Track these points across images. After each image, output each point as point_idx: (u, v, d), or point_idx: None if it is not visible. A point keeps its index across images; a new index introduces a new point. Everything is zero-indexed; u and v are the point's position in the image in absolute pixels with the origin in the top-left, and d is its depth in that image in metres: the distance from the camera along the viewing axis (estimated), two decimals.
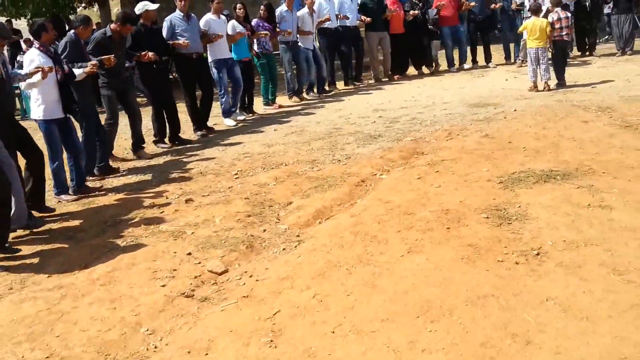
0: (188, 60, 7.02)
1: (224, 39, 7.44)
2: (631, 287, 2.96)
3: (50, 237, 4.45)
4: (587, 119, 5.87)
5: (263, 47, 8.28)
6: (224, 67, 7.50)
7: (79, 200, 5.16)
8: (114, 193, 5.26)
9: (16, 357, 2.94)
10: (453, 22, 10.33)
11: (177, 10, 7.00)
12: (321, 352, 2.68)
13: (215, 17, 7.42)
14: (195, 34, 7.07)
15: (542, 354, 2.53)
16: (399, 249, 3.59)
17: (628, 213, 3.77)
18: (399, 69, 10.46)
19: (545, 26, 7.63)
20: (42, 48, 4.97)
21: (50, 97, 5.01)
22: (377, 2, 9.80)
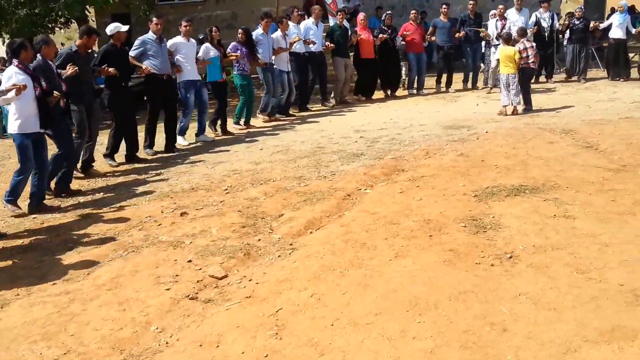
0: (158, 80, 7.30)
1: (192, 61, 7.76)
2: (592, 283, 3.35)
3: (50, 248, 4.63)
4: (553, 140, 6.38)
5: (242, 69, 8.63)
6: (193, 88, 7.81)
7: (72, 212, 5.36)
8: (108, 207, 5.46)
9: (34, 354, 3.14)
10: (418, 49, 10.92)
11: (150, 32, 7.29)
12: (323, 342, 2.98)
13: (184, 39, 7.72)
14: (165, 56, 7.38)
15: (517, 338, 2.88)
16: (387, 254, 3.93)
17: (589, 222, 4.20)
18: (367, 92, 10.97)
19: (514, 54, 8.21)
20: (21, 65, 5.19)
21: (27, 112, 5.20)
22: (343, 30, 10.39)
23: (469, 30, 10.87)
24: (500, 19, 10.59)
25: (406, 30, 10.80)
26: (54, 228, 5.07)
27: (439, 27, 10.95)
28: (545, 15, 11.20)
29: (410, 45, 10.88)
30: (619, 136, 6.27)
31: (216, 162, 6.73)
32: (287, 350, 2.94)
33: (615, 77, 10.91)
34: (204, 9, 13.85)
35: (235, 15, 13.28)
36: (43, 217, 5.35)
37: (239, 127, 8.77)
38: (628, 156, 5.54)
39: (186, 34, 7.72)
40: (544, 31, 11.09)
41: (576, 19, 11.26)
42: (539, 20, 11.13)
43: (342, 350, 2.90)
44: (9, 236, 4.94)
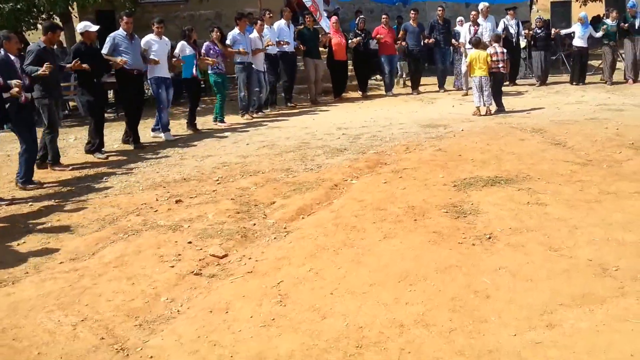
0: (129, 76, 7.57)
1: (164, 59, 8.01)
2: (563, 259, 3.73)
3: (51, 231, 4.79)
4: (524, 137, 6.82)
5: (217, 68, 8.88)
6: (163, 84, 8.07)
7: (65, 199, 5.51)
8: (104, 195, 5.63)
9: (52, 321, 3.33)
10: (390, 52, 11.39)
11: (121, 29, 7.55)
12: (324, 308, 3.27)
13: (157, 38, 8.00)
14: (136, 52, 7.64)
15: (499, 303, 3.22)
16: (376, 236, 4.24)
17: (559, 208, 4.59)
18: (339, 92, 11.38)
19: (486, 57, 8.67)
20: None
21: None
22: (312, 32, 10.79)
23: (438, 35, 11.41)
24: (473, 24, 11.11)
25: (378, 33, 11.27)
26: (50, 212, 5.21)
27: (409, 31, 11.48)
28: (512, 22, 11.80)
29: (383, 47, 11.35)
30: (585, 135, 6.75)
31: (204, 155, 6.94)
32: (291, 315, 3.22)
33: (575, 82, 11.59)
34: (187, 8, 14.01)
35: (219, 15, 13.48)
36: (39, 204, 5.50)
37: (223, 125, 8.98)
38: (593, 152, 6.00)
39: (158, 34, 7.97)
40: (512, 37, 11.67)
41: (537, 28, 11.91)
42: (507, 26, 11.71)
43: (343, 314, 3.18)
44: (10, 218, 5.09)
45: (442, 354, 2.79)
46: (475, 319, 3.08)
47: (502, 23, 11.72)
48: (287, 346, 2.92)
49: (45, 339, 3.14)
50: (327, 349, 2.88)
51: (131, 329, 3.23)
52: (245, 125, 8.96)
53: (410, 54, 11.64)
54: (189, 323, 3.23)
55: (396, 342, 2.91)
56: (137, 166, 6.66)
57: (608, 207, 4.54)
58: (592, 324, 2.98)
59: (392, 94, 11.48)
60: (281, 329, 3.09)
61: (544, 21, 12.37)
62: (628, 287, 3.32)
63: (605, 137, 6.62)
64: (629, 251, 3.78)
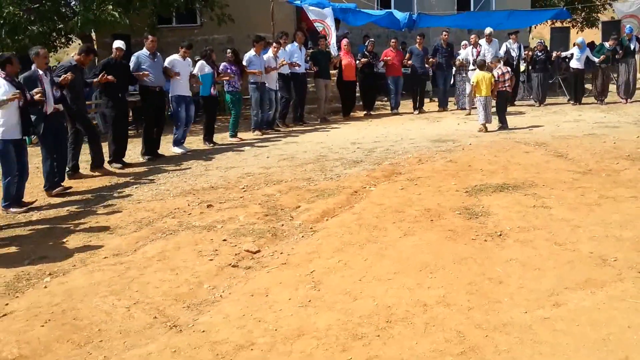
0: (151, 92, 8.12)
1: (185, 79, 8.51)
2: (567, 252, 4.12)
3: (91, 231, 5.18)
4: (528, 150, 7.24)
5: (233, 86, 9.40)
6: (183, 102, 8.58)
7: (104, 206, 5.92)
8: (137, 202, 6.04)
9: (107, 304, 3.71)
10: (396, 73, 11.96)
11: (145, 48, 8.10)
12: (354, 292, 3.65)
13: (180, 58, 8.53)
14: (159, 70, 8.18)
15: (510, 288, 3.61)
16: (397, 233, 4.64)
17: (563, 210, 4.99)
18: (348, 111, 11.92)
19: (490, 78, 9.16)
20: (8, 78, 5.71)
21: (11, 120, 5.72)
22: (324, 54, 11.33)
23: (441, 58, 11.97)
24: (474, 46, 11.67)
25: (386, 55, 11.85)
26: (87, 216, 5.61)
27: (414, 53, 12.05)
28: (514, 45, 12.39)
29: (390, 69, 11.92)
30: (584, 148, 7.18)
31: (228, 167, 7.36)
32: (325, 297, 3.60)
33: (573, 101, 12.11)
34: (201, 32, 14.61)
35: (232, 39, 14.04)
36: (74, 208, 5.91)
37: (235, 140, 9.42)
38: (593, 163, 6.42)
39: (182, 56, 8.52)
40: (513, 60, 12.20)
41: (538, 51, 12.46)
42: (509, 50, 12.28)
43: (372, 296, 3.57)
44: (47, 221, 5.50)
45: (463, 327, 3.17)
46: (490, 300, 3.47)
47: (504, 46, 12.29)
48: (324, 322, 3.30)
49: (103, 318, 3.52)
50: (360, 324, 3.26)
51: (180, 310, 3.61)
52: (262, 140, 9.40)
53: (415, 75, 12.18)
54: (233, 305, 3.61)
55: (421, 318, 3.29)
56: (164, 176, 7.07)
57: (607, 209, 4.95)
58: (593, 303, 3.37)
59: (396, 112, 12.00)
60: (317, 308, 3.48)
61: (544, 45, 12.94)
62: (625, 274, 3.71)
63: (603, 150, 7.06)
64: (626, 245, 4.17)
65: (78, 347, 3.11)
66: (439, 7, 16.09)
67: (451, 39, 12.89)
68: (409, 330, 3.18)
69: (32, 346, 3.10)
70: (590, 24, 21.62)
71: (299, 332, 3.18)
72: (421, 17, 13.32)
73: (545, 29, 23.90)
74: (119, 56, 7.69)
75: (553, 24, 19.36)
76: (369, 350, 2.97)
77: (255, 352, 3.00)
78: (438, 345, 3.00)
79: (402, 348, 2.98)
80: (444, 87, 12.32)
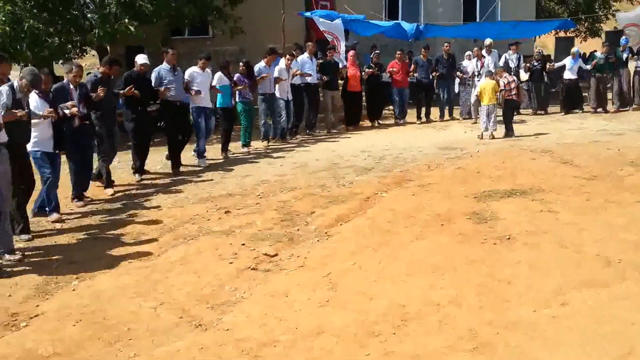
0: (172, 106, 8.15)
1: (205, 90, 8.57)
2: (573, 254, 4.28)
3: (114, 238, 5.40)
4: (535, 157, 7.41)
5: (244, 97, 9.57)
6: (203, 113, 8.62)
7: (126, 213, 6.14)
8: (158, 209, 6.26)
9: (134, 305, 3.93)
10: (402, 85, 12.13)
11: (165, 62, 8.11)
12: (369, 292, 3.85)
13: (200, 70, 8.57)
14: (179, 84, 8.17)
15: (519, 288, 3.79)
16: (409, 237, 4.83)
17: (568, 215, 5.16)
18: (354, 122, 11.99)
19: (494, 87, 9.36)
20: (41, 94, 5.87)
21: (44, 133, 5.90)
22: (332, 65, 11.49)
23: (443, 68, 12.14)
24: (479, 58, 11.89)
25: (392, 67, 11.99)
26: (109, 224, 5.84)
27: (419, 65, 12.24)
28: (514, 56, 12.50)
29: (395, 80, 12.07)
30: (589, 155, 7.33)
31: (243, 175, 7.58)
32: (343, 298, 3.80)
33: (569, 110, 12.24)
34: (213, 44, 14.89)
35: (243, 50, 14.32)
36: (97, 217, 6.13)
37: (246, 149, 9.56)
38: (598, 169, 6.57)
39: (202, 67, 8.60)
40: (511, 71, 12.34)
41: (535, 61, 12.62)
42: (508, 60, 12.43)
43: (386, 296, 3.76)
44: (73, 229, 5.72)
45: (474, 324, 3.35)
46: (500, 300, 3.65)
47: (503, 57, 12.44)
48: (342, 320, 3.49)
49: (131, 318, 3.73)
50: (376, 322, 3.45)
51: (204, 310, 3.82)
52: (275, 149, 9.60)
53: (420, 85, 12.35)
54: (255, 305, 3.82)
55: (434, 317, 3.47)
56: (183, 185, 7.28)
57: (612, 213, 5.11)
58: (598, 302, 3.54)
59: (403, 122, 12.10)
60: (335, 308, 3.67)
61: (542, 55, 13.10)
62: (629, 275, 3.88)
63: (608, 156, 7.21)
64: (630, 248, 4.33)
65: (109, 345, 3.32)
66: (445, 17, 16.31)
67: (457, 49, 13.08)
68: (423, 327, 3.36)
69: (65, 344, 3.30)
70: (593, 33, 21.81)
71: (319, 330, 3.37)
72: (428, 27, 13.53)
73: (549, 39, 24.15)
74: (142, 71, 7.75)
75: (557, 34, 19.55)
76: (386, 346, 3.16)
77: (278, 349, 3.19)
78: (451, 342, 3.18)
79: (417, 344, 3.17)
80: (447, 97, 12.48)
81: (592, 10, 20.91)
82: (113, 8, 10.47)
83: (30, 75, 5.27)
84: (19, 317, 3.69)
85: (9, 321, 3.62)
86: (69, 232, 5.67)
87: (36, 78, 5.32)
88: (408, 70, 12.30)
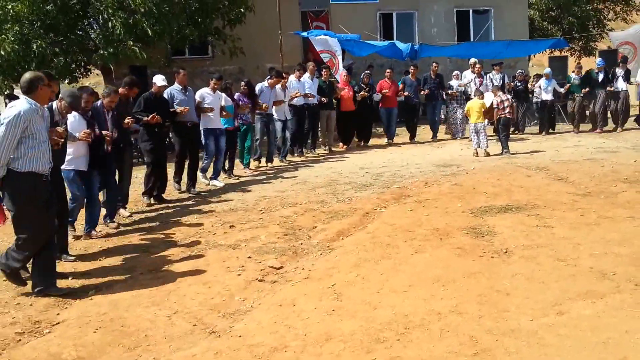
0: (184, 127, 8.09)
1: (216, 111, 8.57)
2: (569, 267, 4.46)
3: (125, 252, 5.53)
4: (530, 174, 7.64)
5: (241, 118, 9.50)
6: (213, 135, 8.60)
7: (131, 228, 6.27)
8: (164, 223, 6.40)
9: (150, 313, 4.05)
10: (391, 105, 12.28)
11: (176, 83, 8.15)
12: (374, 302, 3.99)
13: (210, 91, 8.60)
14: (191, 105, 8.14)
15: (517, 299, 3.94)
16: (409, 251, 4.99)
17: (564, 230, 5.35)
18: (347, 141, 12.11)
19: (481, 105, 9.65)
20: (81, 112, 5.87)
21: (79, 151, 5.92)
22: (328, 85, 11.64)
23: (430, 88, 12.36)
24: (478, 76, 12.17)
25: (381, 87, 12.15)
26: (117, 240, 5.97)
27: (407, 84, 12.42)
28: (497, 76, 12.73)
29: (384, 100, 12.21)
30: (584, 172, 7.57)
31: (244, 191, 7.75)
32: (348, 307, 3.94)
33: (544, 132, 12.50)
34: (213, 64, 15.17)
35: (242, 70, 14.61)
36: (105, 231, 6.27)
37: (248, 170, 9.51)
38: (592, 186, 6.79)
39: (213, 88, 8.66)
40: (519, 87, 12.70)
41: (518, 81, 12.92)
42: (492, 80, 12.70)
43: (390, 306, 3.91)
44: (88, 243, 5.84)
45: (475, 332, 3.50)
46: (499, 309, 3.80)
47: (487, 77, 12.71)
48: (349, 328, 3.63)
49: (148, 325, 3.86)
50: (381, 329, 3.59)
51: (217, 318, 3.95)
52: (273, 168, 9.74)
53: (409, 105, 12.52)
54: (265, 313, 3.95)
55: (437, 325, 3.62)
56: (186, 201, 7.45)
57: (606, 228, 5.30)
58: (594, 312, 3.70)
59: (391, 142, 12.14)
60: (341, 316, 3.81)
61: (524, 75, 13.41)
62: (623, 286, 4.04)
63: (602, 173, 7.44)
64: (624, 261, 4.51)
65: (129, 350, 3.45)
66: (439, 37, 16.72)
67: (455, 68, 13.37)
68: (426, 335, 3.51)
69: (88, 349, 3.43)
70: (588, 52, 22.22)
71: (327, 337, 3.52)
72: (423, 47, 13.84)
73: (544, 57, 24.60)
74: (160, 92, 7.70)
75: (551, 53, 19.95)
76: (391, 352, 3.30)
77: (288, 354, 3.33)
78: (453, 348, 3.32)
79: (421, 350, 3.31)
80: (433, 117, 12.65)
81: (585, 29, 21.38)
82: (117, 30, 10.70)
83: (70, 97, 5.29)
84: (42, 324, 3.81)
85: (33, 328, 3.75)
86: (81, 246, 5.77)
87: (76, 100, 5.35)
88: (397, 90, 12.46)
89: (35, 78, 4.37)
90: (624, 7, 22.59)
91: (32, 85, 4.34)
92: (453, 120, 12.58)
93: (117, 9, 10.84)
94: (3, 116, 4.24)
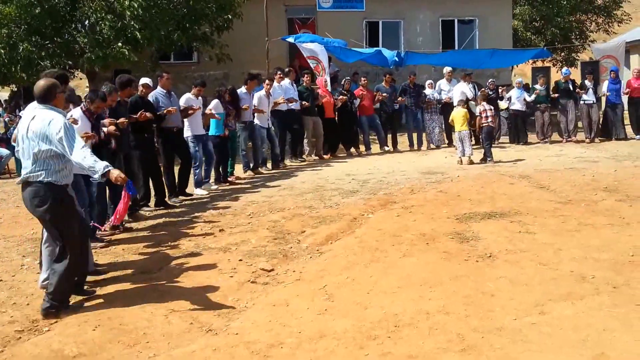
0: (169, 133, 7.99)
1: (199, 117, 8.50)
2: (551, 271, 4.64)
3: (116, 255, 5.58)
4: (513, 182, 7.86)
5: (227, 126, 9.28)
6: (200, 142, 8.55)
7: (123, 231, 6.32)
8: (153, 228, 6.46)
9: (147, 312, 4.11)
10: (369, 112, 12.22)
11: (159, 87, 8.05)
12: (364, 302, 4.13)
13: (194, 97, 8.54)
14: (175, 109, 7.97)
15: (502, 300, 4.11)
16: (397, 255, 5.14)
17: (546, 236, 5.54)
18: (331, 149, 12.02)
19: (464, 114, 9.90)
20: (87, 113, 5.81)
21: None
22: (310, 91, 11.57)
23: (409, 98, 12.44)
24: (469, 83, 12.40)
25: (357, 94, 12.09)
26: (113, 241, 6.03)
27: (381, 91, 12.35)
28: (469, 86, 12.77)
29: (361, 108, 12.18)
30: (565, 180, 7.82)
31: (232, 197, 7.84)
32: (339, 307, 4.07)
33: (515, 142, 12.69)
34: (198, 69, 15.24)
35: (227, 75, 14.70)
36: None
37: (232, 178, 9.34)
38: (573, 194, 7.03)
39: (196, 95, 8.57)
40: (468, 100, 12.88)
41: (489, 90, 13.08)
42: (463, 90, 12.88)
43: (380, 306, 4.05)
44: None
45: (462, 330, 3.65)
46: (484, 309, 3.96)
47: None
48: (342, 326, 3.76)
49: (145, 324, 3.93)
50: (372, 328, 3.72)
51: (212, 317, 4.05)
52: (259, 174, 9.82)
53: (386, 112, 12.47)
54: (259, 313, 4.06)
55: (425, 323, 3.77)
56: (174, 207, 7.49)
57: (586, 235, 5.50)
58: (575, 312, 3.87)
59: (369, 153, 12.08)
60: (334, 315, 3.94)
61: (495, 84, 13.60)
62: (602, 289, 4.23)
63: (583, 182, 7.69)
64: (603, 266, 4.70)
65: (128, 347, 3.53)
66: (425, 45, 17.01)
67: (438, 77, 13.55)
68: (416, 332, 3.65)
69: (89, 346, 3.51)
70: (569, 63, 22.66)
71: (321, 334, 3.64)
72: (408, 55, 14.06)
73: (527, 67, 25.08)
74: (145, 94, 7.63)
75: (534, 63, 20.35)
76: (383, 348, 3.44)
77: (285, 350, 3.44)
78: (441, 344, 3.47)
79: (411, 346, 3.45)
80: (412, 126, 12.58)
81: (568, 40, 21.89)
82: (106, 34, 10.75)
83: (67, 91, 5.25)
84: (40, 323, 3.88)
85: (32, 326, 3.81)
86: None
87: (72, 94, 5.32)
88: (373, 97, 12.33)
89: (52, 86, 4.20)
90: (605, 19, 23.17)
91: (50, 93, 4.18)
92: (431, 129, 12.62)
93: (105, 13, 10.89)
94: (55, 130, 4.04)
